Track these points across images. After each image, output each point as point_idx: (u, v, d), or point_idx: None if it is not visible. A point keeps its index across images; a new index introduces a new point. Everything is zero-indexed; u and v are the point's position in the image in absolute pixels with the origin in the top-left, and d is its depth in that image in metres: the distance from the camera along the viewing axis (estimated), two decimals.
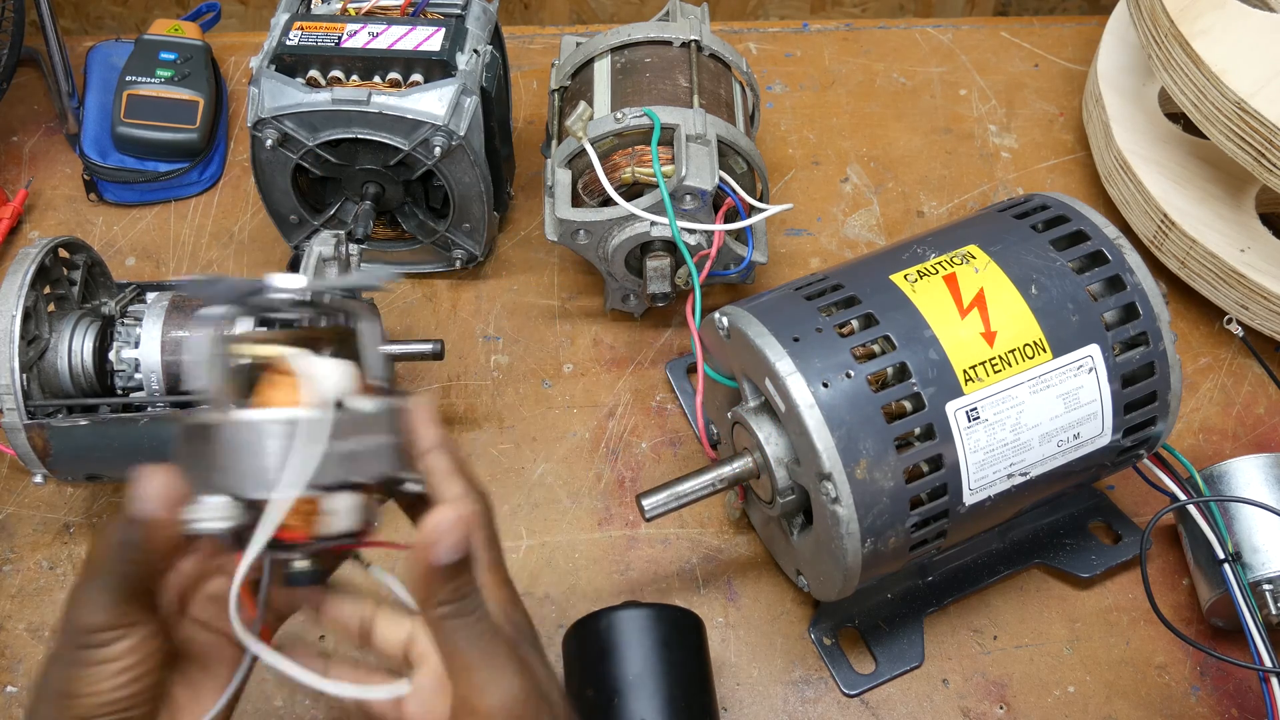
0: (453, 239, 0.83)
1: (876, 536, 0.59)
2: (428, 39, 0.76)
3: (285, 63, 0.76)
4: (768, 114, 0.98)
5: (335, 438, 0.42)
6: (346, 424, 0.43)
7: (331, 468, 0.42)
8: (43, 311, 0.68)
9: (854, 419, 0.58)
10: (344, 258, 0.70)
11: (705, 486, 0.65)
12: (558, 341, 0.84)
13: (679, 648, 0.61)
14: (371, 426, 0.44)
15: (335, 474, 0.42)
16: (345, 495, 0.43)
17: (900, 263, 0.64)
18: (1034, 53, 1.04)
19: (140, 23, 1.22)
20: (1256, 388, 0.82)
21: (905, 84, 1.01)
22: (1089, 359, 0.61)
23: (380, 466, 0.44)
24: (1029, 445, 0.61)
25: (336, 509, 0.43)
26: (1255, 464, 0.68)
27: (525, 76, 1.00)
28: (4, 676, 0.68)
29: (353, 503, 0.43)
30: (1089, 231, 0.65)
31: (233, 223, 0.90)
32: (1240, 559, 0.66)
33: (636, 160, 0.75)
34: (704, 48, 0.81)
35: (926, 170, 0.95)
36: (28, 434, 0.65)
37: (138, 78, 0.91)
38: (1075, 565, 0.71)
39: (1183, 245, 0.82)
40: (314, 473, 0.41)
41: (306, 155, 0.76)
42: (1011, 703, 0.68)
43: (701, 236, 0.74)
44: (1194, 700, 0.68)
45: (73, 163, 0.93)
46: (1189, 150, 0.86)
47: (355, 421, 0.43)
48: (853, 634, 0.70)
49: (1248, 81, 0.73)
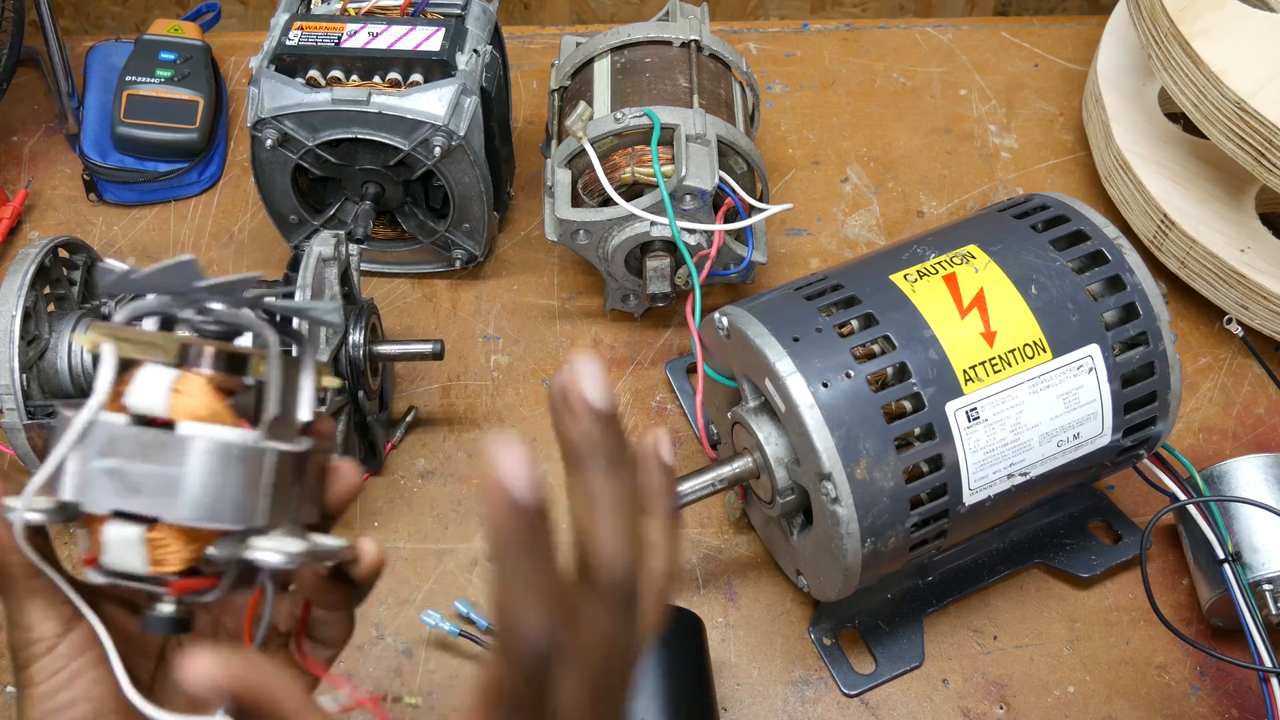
0: (453, 239, 0.83)
1: (876, 536, 0.59)
2: (427, 39, 0.76)
3: (285, 63, 0.76)
4: (768, 114, 0.98)
5: (101, 455, 0.37)
6: (126, 444, 0.37)
7: (93, 488, 0.37)
8: (43, 311, 0.68)
9: (854, 419, 0.58)
10: (344, 258, 0.70)
11: (705, 486, 0.65)
12: (558, 341, 0.84)
13: (679, 648, 0.62)
14: (173, 456, 0.37)
15: (96, 496, 0.37)
16: (117, 525, 0.37)
17: (900, 263, 0.64)
18: (1034, 53, 1.04)
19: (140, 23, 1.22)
20: (1256, 388, 0.82)
21: (905, 84, 1.01)
22: (1089, 359, 0.61)
23: (162, 503, 0.37)
24: (1029, 445, 0.61)
25: (108, 539, 0.37)
26: (1255, 464, 0.68)
27: (525, 76, 1.00)
28: (4, 677, 0.68)
29: (120, 535, 0.37)
30: (1089, 231, 0.65)
31: (233, 223, 0.90)
32: (1240, 559, 0.66)
33: (636, 160, 0.75)
34: (704, 48, 0.81)
35: (926, 170, 0.95)
36: (28, 434, 0.65)
37: (138, 78, 0.91)
38: (1075, 565, 0.71)
39: (1183, 245, 0.82)
40: (65, 483, 0.37)
41: (306, 155, 0.76)
42: (1011, 703, 0.68)
43: (701, 236, 0.74)
44: (1194, 700, 0.68)
45: (73, 163, 0.93)
46: (1189, 150, 0.86)
47: (145, 444, 0.37)
48: (853, 634, 0.70)
49: (1248, 81, 0.73)
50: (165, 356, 0.38)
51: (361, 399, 0.70)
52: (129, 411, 0.37)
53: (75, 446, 0.37)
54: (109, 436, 0.37)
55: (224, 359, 0.39)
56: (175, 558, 0.38)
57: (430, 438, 0.78)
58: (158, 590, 0.38)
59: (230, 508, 0.37)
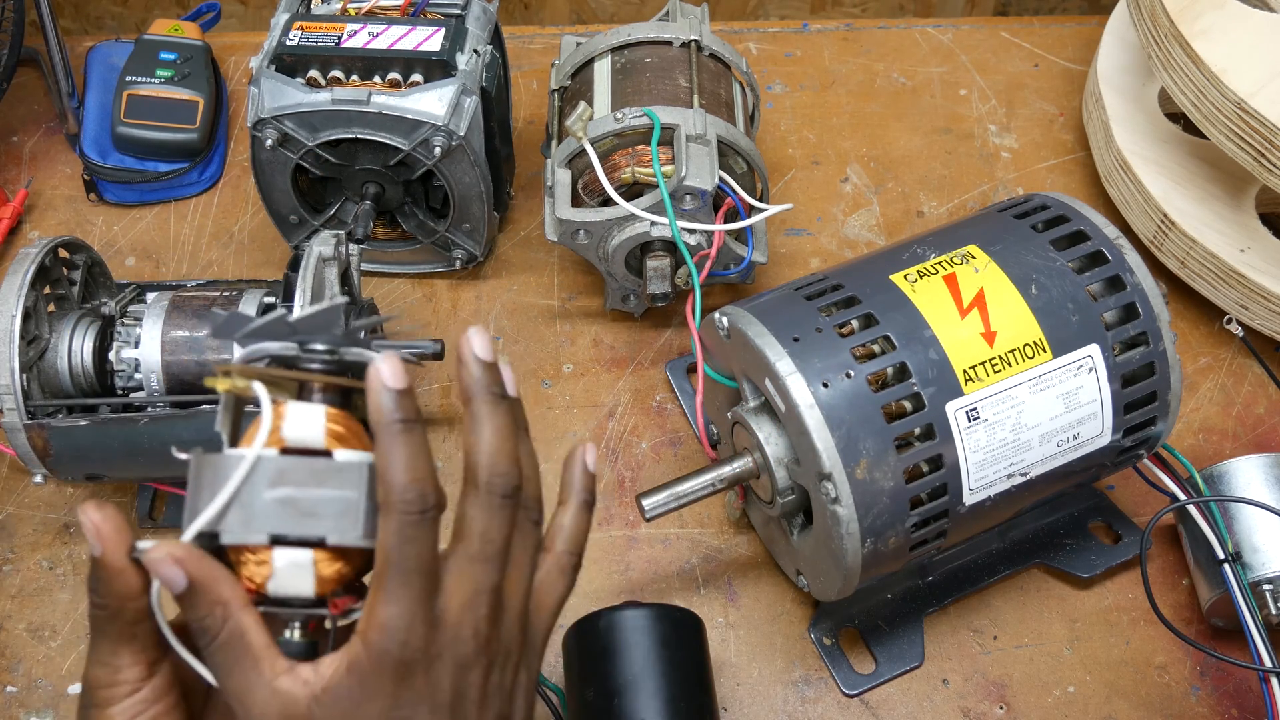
0: (453, 239, 0.83)
1: (876, 536, 0.59)
2: (428, 39, 0.76)
3: (285, 63, 0.76)
4: (768, 114, 0.98)
5: (271, 486, 0.40)
6: (298, 473, 0.40)
7: (265, 517, 0.40)
8: (43, 311, 0.68)
9: (854, 419, 0.58)
10: (344, 258, 0.70)
11: (705, 486, 0.65)
12: (558, 341, 0.84)
13: (679, 648, 0.61)
14: (341, 481, 0.40)
15: (269, 524, 0.40)
16: (287, 551, 0.40)
17: (900, 263, 0.64)
18: (1034, 53, 1.04)
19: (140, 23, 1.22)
20: (1256, 388, 0.82)
21: (905, 84, 1.01)
22: (1089, 359, 0.61)
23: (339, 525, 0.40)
24: (1029, 445, 0.61)
25: (279, 565, 0.40)
26: (1255, 464, 0.68)
27: (525, 76, 1.00)
28: (4, 676, 0.68)
29: (292, 560, 0.40)
30: (1089, 231, 0.65)
31: (233, 223, 0.90)
32: (1240, 559, 0.66)
33: (636, 160, 0.75)
34: (704, 48, 0.81)
35: (926, 170, 0.95)
36: (28, 434, 0.65)
37: (138, 78, 0.91)
38: (1075, 565, 0.71)
39: (1183, 245, 0.82)
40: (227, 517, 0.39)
41: (306, 155, 0.76)
42: (1011, 703, 0.68)
43: (701, 236, 0.74)
44: (1194, 700, 0.68)
45: (73, 163, 0.93)
46: (1189, 150, 0.86)
47: (317, 472, 0.40)
48: (853, 634, 0.70)
49: (1248, 81, 0.73)
50: (288, 394, 0.42)
51: None
52: (284, 444, 0.41)
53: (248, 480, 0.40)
54: (279, 470, 0.40)
55: (335, 393, 0.43)
56: (342, 578, 0.41)
57: (430, 438, 0.78)
58: (321, 612, 0.41)
59: (375, 527, 0.41)
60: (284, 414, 0.41)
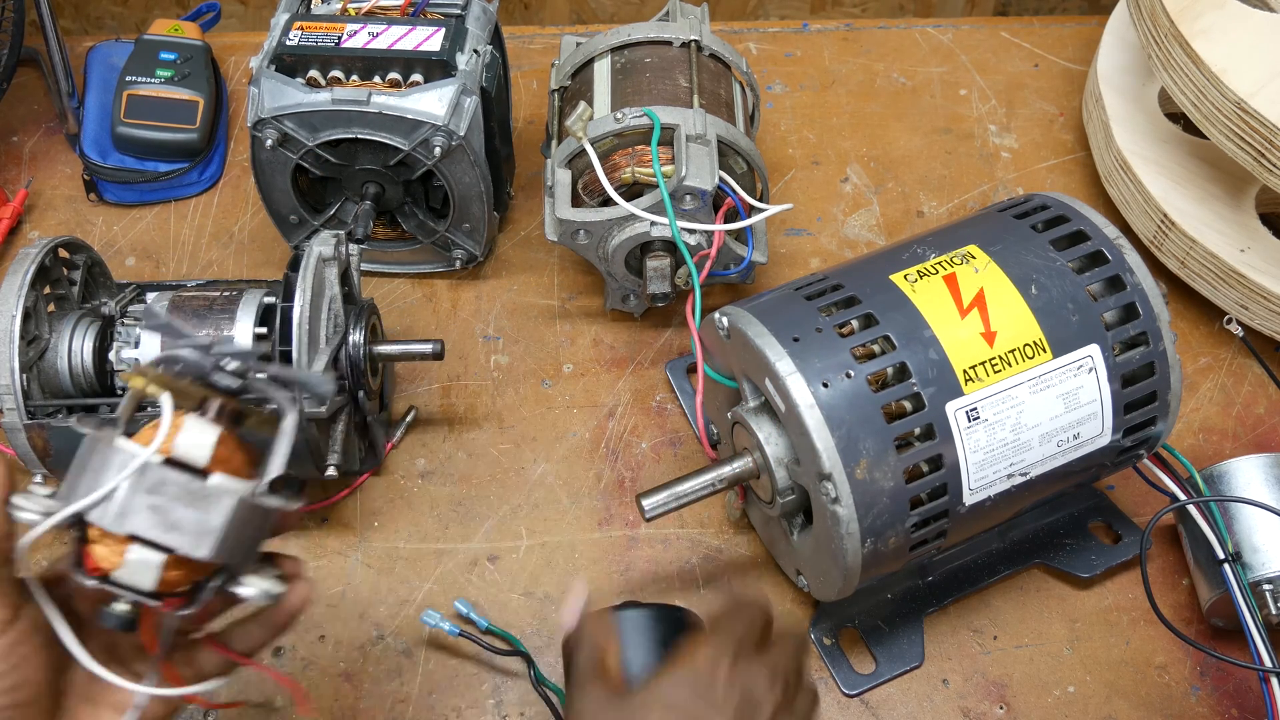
0: (453, 239, 0.83)
1: (876, 536, 0.59)
2: (428, 39, 0.76)
3: (285, 63, 0.76)
4: (768, 114, 0.98)
5: (148, 492, 0.43)
6: (173, 487, 0.44)
7: (134, 517, 0.43)
8: (43, 311, 0.68)
9: (854, 419, 0.58)
10: (344, 258, 0.70)
11: (705, 486, 0.65)
12: (558, 341, 0.84)
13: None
14: (208, 504, 0.44)
15: (135, 525, 0.43)
16: (142, 549, 0.44)
17: (900, 263, 0.64)
18: (1034, 53, 1.04)
19: (140, 23, 1.22)
20: (1256, 388, 0.82)
21: (905, 84, 1.01)
22: (1089, 359, 0.61)
23: (193, 543, 0.44)
24: (1029, 445, 0.61)
25: (130, 560, 0.44)
26: (1255, 464, 0.68)
27: (525, 76, 1.00)
28: None
29: (144, 559, 0.44)
30: (1089, 231, 0.65)
31: (233, 223, 0.90)
32: (1240, 559, 0.66)
33: (636, 160, 0.75)
34: (704, 48, 0.81)
35: (926, 170, 0.95)
36: (28, 434, 0.65)
37: (138, 78, 0.91)
38: (1075, 565, 0.71)
39: (1183, 245, 0.82)
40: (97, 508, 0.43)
41: (306, 155, 0.76)
42: (1011, 703, 0.68)
43: (701, 236, 0.74)
44: (1194, 700, 0.68)
45: (73, 163, 0.93)
46: (1189, 150, 0.86)
47: (190, 491, 0.44)
48: (853, 634, 0.70)
49: (1248, 81, 0.73)
50: (190, 402, 0.46)
51: (361, 399, 0.70)
52: (170, 453, 0.44)
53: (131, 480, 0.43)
54: (159, 479, 0.44)
55: (229, 413, 0.47)
56: (179, 582, 0.45)
57: (430, 438, 0.78)
58: (154, 604, 0.45)
59: (234, 549, 0.45)
60: (181, 426, 0.45)
